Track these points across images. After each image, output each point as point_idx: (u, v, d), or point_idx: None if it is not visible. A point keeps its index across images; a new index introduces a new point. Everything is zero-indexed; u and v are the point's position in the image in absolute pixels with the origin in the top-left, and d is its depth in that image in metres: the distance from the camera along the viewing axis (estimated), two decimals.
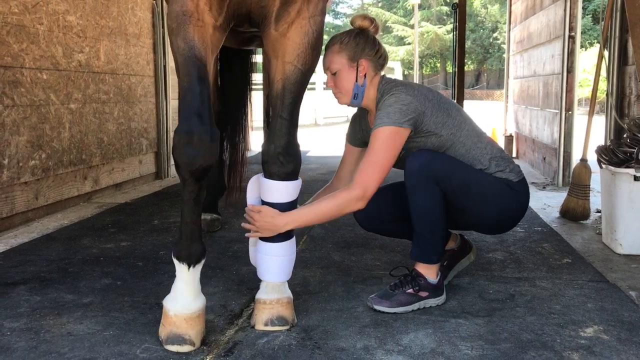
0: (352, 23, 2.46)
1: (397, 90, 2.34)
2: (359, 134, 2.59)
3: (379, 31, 2.44)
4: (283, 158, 2.14)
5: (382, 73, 2.47)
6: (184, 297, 2.06)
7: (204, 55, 2.02)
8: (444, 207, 2.35)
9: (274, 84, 2.16)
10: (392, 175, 2.41)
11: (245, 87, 3.86)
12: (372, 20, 2.43)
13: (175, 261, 2.08)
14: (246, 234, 2.24)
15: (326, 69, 2.43)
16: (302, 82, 2.16)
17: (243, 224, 2.24)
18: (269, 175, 2.16)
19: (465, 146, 2.40)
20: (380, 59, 2.41)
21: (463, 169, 2.36)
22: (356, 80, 2.38)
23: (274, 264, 2.20)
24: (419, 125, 2.33)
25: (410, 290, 2.38)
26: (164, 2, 5.10)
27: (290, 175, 2.16)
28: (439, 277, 2.44)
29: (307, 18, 2.11)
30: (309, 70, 2.17)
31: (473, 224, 2.55)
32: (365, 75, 2.39)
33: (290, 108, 2.15)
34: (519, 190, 2.46)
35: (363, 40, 2.39)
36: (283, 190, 2.16)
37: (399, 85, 2.39)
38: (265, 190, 2.18)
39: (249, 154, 4.33)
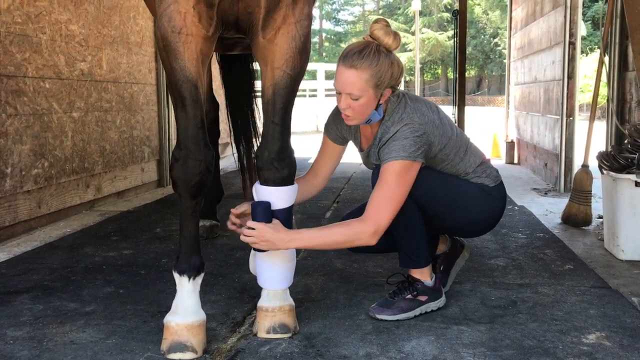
0: (376, 38, 2.19)
1: (409, 118, 2.23)
2: (344, 132, 2.48)
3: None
4: (277, 163, 2.15)
5: None
6: (185, 308, 2.08)
7: (195, 74, 2.04)
8: (419, 211, 2.33)
9: (265, 90, 2.18)
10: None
11: (249, 93, 3.87)
12: (399, 39, 2.22)
13: (176, 275, 2.11)
14: (253, 245, 2.16)
15: (346, 92, 2.18)
16: (291, 87, 2.17)
17: (242, 237, 2.14)
18: (264, 181, 2.17)
19: (451, 162, 2.39)
20: (399, 81, 2.27)
21: (432, 175, 2.33)
22: (375, 109, 2.25)
23: (273, 271, 2.21)
24: (426, 154, 2.27)
25: (410, 296, 2.38)
26: None
27: (286, 181, 2.17)
28: (434, 279, 2.44)
29: (293, 23, 2.12)
30: (298, 74, 2.18)
31: (449, 228, 2.53)
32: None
33: (282, 113, 2.16)
34: (495, 195, 2.46)
35: (390, 66, 2.19)
36: (279, 196, 2.16)
37: (408, 107, 2.27)
38: (261, 197, 2.19)
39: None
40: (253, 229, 2.10)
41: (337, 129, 2.49)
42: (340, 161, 2.58)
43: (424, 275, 2.42)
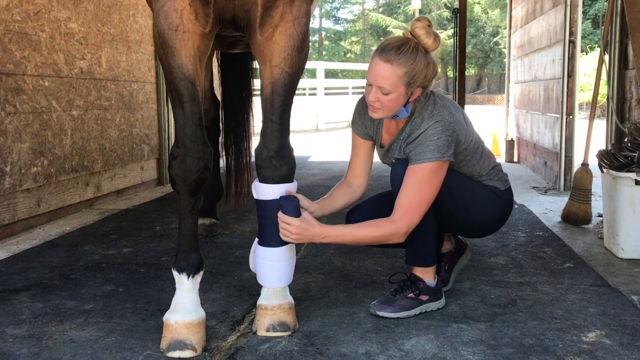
0: (417, 36, 2.19)
1: (440, 115, 2.24)
2: (368, 128, 2.48)
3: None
4: (276, 161, 2.15)
5: None
6: (185, 306, 2.08)
7: (192, 72, 2.04)
8: (432, 210, 2.33)
9: (263, 88, 2.18)
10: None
11: (246, 92, 3.87)
12: (439, 41, 2.22)
13: (175, 273, 2.11)
14: (285, 239, 2.16)
15: (378, 85, 2.18)
16: (290, 85, 2.16)
17: (282, 236, 2.15)
18: (263, 179, 2.17)
19: (469, 164, 2.41)
20: (431, 82, 2.26)
21: (449, 175, 2.33)
22: (404, 105, 2.25)
23: (273, 269, 2.20)
24: (454, 152, 2.28)
25: (411, 295, 2.38)
26: None
27: (285, 179, 2.17)
28: (436, 280, 2.44)
29: (291, 21, 2.11)
30: (297, 72, 2.17)
31: (457, 227, 2.55)
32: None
33: (280, 111, 2.16)
34: (504, 198, 2.49)
35: (426, 66, 2.19)
36: (278, 194, 2.16)
37: (438, 104, 2.28)
38: (261, 195, 2.18)
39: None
40: (287, 224, 2.11)
41: (362, 124, 2.48)
42: (370, 159, 2.54)
43: (427, 275, 2.42)
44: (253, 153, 2.36)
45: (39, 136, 3.93)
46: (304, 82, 15.64)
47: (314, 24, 39.12)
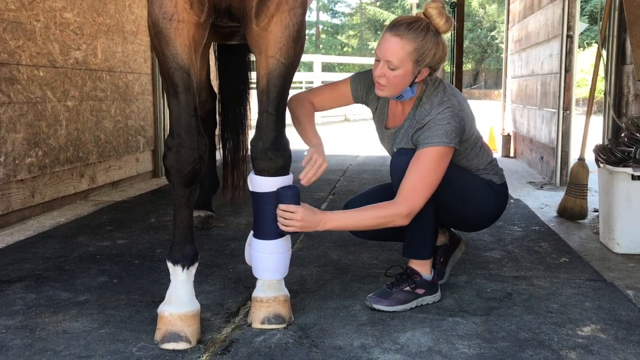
0: (429, 16, 2.19)
1: (450, 102, 2.25)
2: (370, 102, 2.46)
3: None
4: (271, 153, 2.13)
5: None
6: (179, 298, 2.06)
7: (187, 61, 2.02)
8: (432, 202, 2.32)
9: (259, 79, 2.16)
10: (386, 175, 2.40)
11: (243, 85, 3.86)
12: (450, 23, 2.21)
13: (170, 264, 2.10)
14: (284, 229, 2.14)
15: (386, 59, 2.19)
16: (286, 76, 2.14)
17: (280, 226, 2.13)
18: (259, 171, 2.16)
19: (468, 157, 2.41)
20: (439, 65, 2.26)
21: (448, 167, 2.32)
22: (410, 85, 2.25)
23: (269, 261, 2.19)
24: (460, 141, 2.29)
25: (408, 288, 2.38)
26: None
27: (281, 171, 2.15)
28: (432, 274, 2.44)
29: (287, 11, 2.09)
30: (293, 63, 2.15)
31: (455, 221, 2.55)
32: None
33: (276, 103, 2.14)
34: (500, 192, 2.50)
35: (435, 45, 2.18)
36: (274, 187, 2.15)
37: (447, 92, 2.29)
38: (256, 188, 2.17)
39: None
40: (291, 212, 2.09)
41: (365, 92, 2.46)
42: (337, 107, 2.56)
43: (423, 268, 2.42)
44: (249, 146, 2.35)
45: (34, 127, 3.90)
46: (300, 76, 15.60)
47: (311, 17, 38.97)
